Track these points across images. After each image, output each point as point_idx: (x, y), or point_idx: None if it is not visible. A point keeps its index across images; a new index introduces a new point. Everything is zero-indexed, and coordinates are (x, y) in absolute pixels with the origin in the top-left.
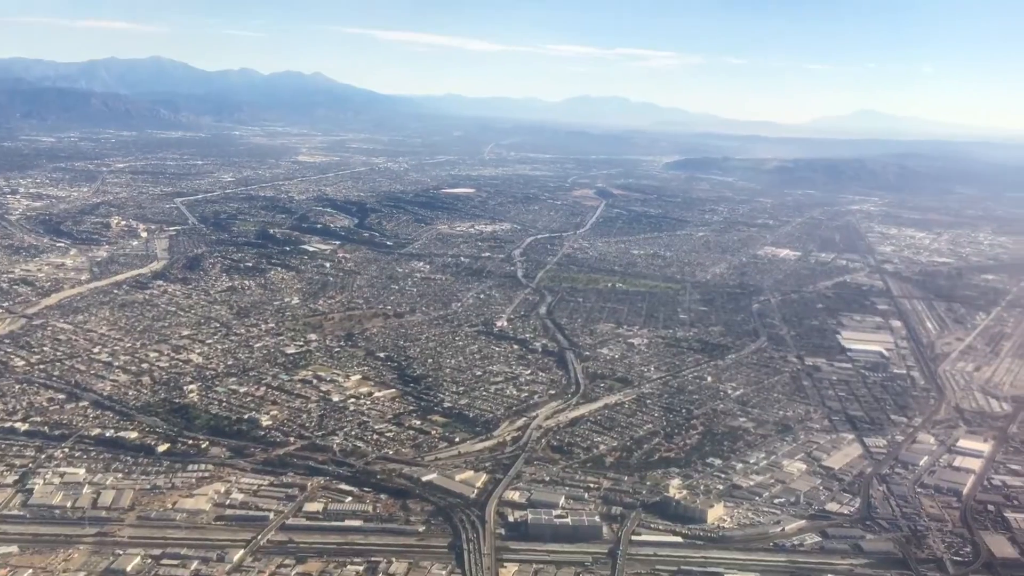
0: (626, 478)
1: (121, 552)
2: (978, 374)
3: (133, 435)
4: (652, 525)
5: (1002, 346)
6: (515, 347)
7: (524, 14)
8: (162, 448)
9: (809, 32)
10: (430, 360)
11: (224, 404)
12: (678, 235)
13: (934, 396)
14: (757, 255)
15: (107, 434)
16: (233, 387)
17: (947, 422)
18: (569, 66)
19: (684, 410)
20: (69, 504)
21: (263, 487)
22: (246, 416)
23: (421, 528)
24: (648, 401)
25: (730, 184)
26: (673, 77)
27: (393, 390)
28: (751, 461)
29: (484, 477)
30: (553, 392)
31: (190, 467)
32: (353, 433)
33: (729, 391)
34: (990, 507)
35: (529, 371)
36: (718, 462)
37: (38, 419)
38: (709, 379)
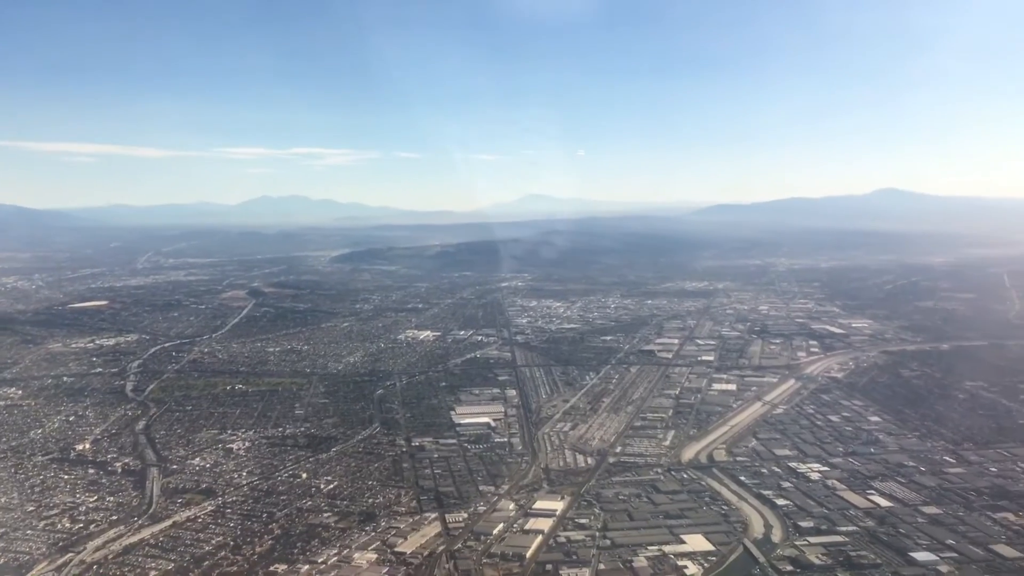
0: None
1: None
2: (573, 432)
3: None
4: None
5: (601, 403)
6: (91, 472)
7: (192, 119)
8: None
9: (474, 125)
10: None
11: None
12: (322, 328)
13: (527, 461)
14: (397, 340)
15: None
16: None
17: (532, 485)
18: (246, 168)
19: (265, 515)
20: None
21: None
22: None
23: None
24: (228, 511)
25: (392, 272)
26: (351, 173)
27: None
28: (320, 560)
29: None
30: (116, 518)
31: None
32: None
33: (322, 486)
34: (548, 566)
35: (95, 497)
36: (283, 567)
37: None
38: (304, 476)
